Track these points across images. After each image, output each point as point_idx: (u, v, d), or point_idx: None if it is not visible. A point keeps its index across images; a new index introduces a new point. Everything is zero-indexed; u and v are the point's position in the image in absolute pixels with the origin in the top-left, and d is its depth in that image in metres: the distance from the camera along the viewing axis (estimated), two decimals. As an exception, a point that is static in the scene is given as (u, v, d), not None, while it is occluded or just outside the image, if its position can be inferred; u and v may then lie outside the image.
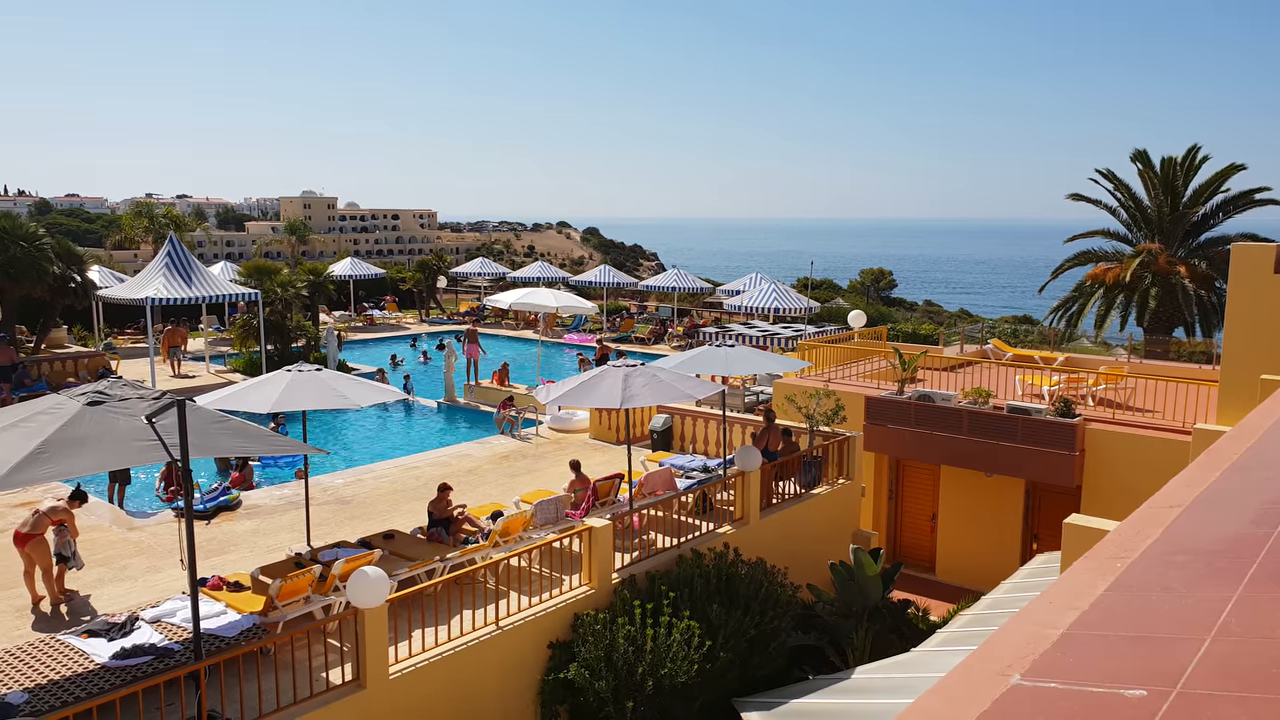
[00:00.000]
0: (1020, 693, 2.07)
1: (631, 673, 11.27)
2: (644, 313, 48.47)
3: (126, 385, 9.81)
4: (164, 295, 27.95)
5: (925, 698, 2.14)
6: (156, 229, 46.08)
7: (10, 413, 9.38)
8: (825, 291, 59.07)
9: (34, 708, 8.84)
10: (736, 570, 13.41)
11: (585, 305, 35.05)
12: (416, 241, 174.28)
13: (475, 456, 20.49)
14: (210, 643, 9.98)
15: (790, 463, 16.68)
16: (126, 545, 14.60)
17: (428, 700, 10.64)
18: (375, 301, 49.28)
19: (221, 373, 30.49)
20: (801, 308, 36.49)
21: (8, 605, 12.24)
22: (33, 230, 27.46)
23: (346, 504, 16.93)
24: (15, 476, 8.22)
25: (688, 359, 16.48)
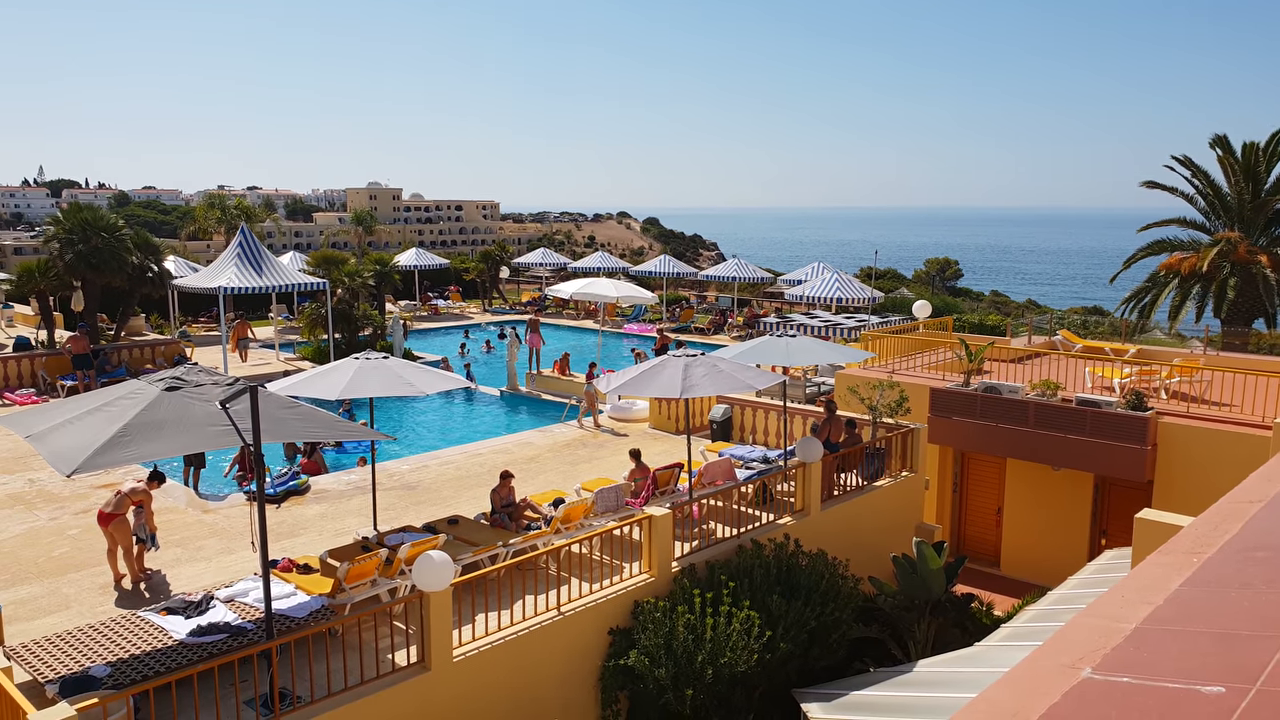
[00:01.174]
0: (1091, 686, 2.04)
1: (691, 661, 11.30)
2: (704, 303, 48.34)
3: (202, 372, 10.11)
4: (236, 284, 28.71)
5: (993, 689, 2.12)
6: (228, 220, 47.31)
7: (93, 397, 9.74)
8: (889, 281, 58.29)
9: (116, 680, 9.20)
10: (797, 561, 13.35)
11: (645, 295, 35.07)
12: (479, 232, 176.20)
13: (536, 444, 20.70)
14: (281, 623, 10.27)
15: (853, 454, 16.53)
16: (201, 527, 15.08)
17: (490, 684, 10.81)
18: (439, 291, 49.98)
19: (290, 360, 31.24)
20: (865, 298, 36.03)
21: (92, 582, 12.74)
22: (113, 222, 28.40)
23: (412, 489, 17.24)
24: (98, 459, 8.55)
25: (748, 349, 16.40)
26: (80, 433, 8.90)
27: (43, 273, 28.46)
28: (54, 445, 8.85)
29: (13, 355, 25.88)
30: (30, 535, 14.57)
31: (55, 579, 12.88)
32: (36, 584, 12.70)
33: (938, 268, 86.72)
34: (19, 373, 25.37)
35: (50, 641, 10.03)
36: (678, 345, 29.71)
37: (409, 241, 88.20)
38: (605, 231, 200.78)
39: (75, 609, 11.90)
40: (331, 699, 9.49)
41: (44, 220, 40.99)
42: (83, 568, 13.22)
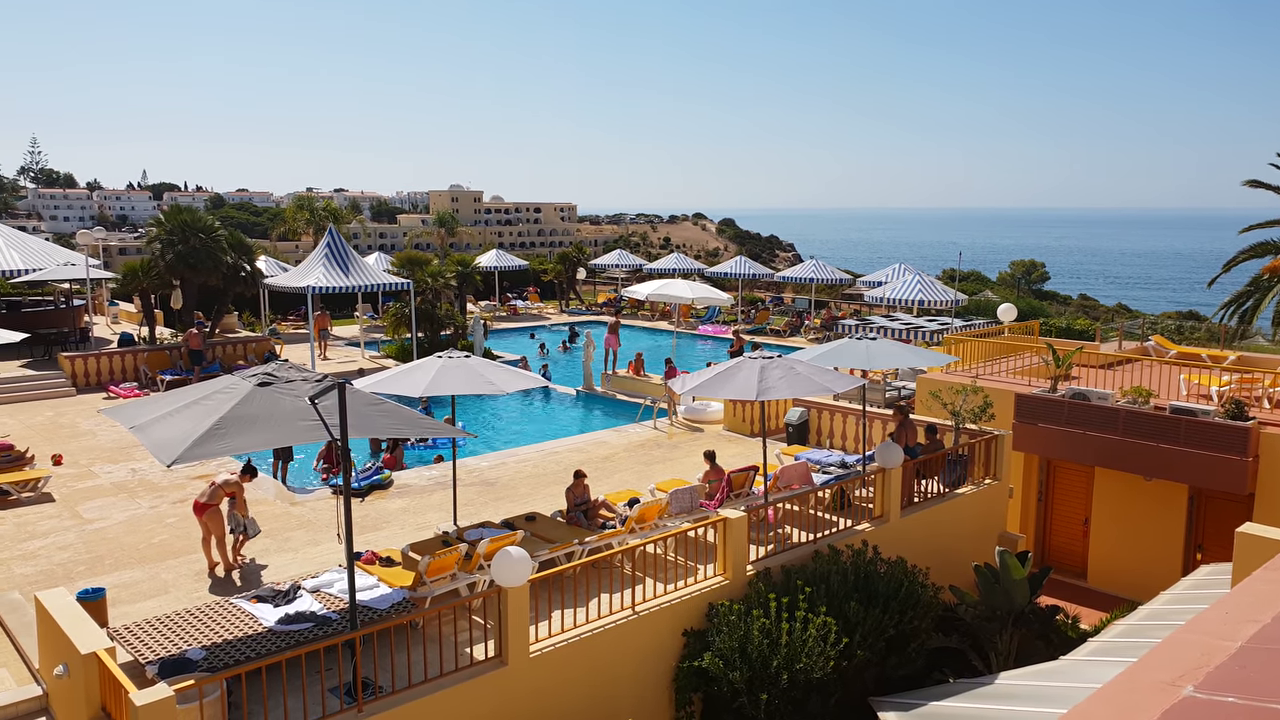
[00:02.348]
0: (1193, 705, 1.98)
1: (766, 665, 11.24)
2: (780, 304, 47.97)
3: (292, 368, 10.45)
4: (324, 284, 29.56)
5: (1086, 705, 2.07)
6: (316, 221, 48.73)
7: (191, 391, 10.15)
8: (972, 284, 56.98)
9: (210, 663, 9.57)
10: (875, 568, 13.16)
11: (720, 297, 34.96)
12: (557, 234, 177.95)
13: (612, 444, 20.82)
14: (364, 614, 10.54)
15: (933, 460, 16.22)
16: (289, 518, 15.57)
17: (566, 681, 10.91)
18: (518, 292, 50.63)
19: (375, 358, 32.01)
20: (947, 300, 35.30)
21: (188, 569, 13.27)
22: (210, 223, 29.51)
23: (491, 486, 17.52)
24: (196, 450, 8.91)
25: (826, 351, 16.23)
26: (179, 425, 9.28)
27: (145, 272, 29.72)
28: (155, 436, 9.25)
29: (118, 350, 27.11)
30: (132, 522, 15.25)
31: (155, 565, 13.45)
32: (138, 569, 13.29)
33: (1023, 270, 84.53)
34: (123, 367, 26.56)
35: (150, 624, 10.47)
36: (753, 347, 29.58)
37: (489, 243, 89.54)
38: (681, 233, 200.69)
39: (173, 594, 12.40)
40: (411, 690, 9.70)
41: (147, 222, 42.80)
42: (180, 555, 13.78)
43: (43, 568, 13.35)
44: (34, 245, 33.06)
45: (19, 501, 16.15)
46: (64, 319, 30.92)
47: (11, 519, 15.34)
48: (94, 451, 19.50)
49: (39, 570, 13.25)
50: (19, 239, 32.66)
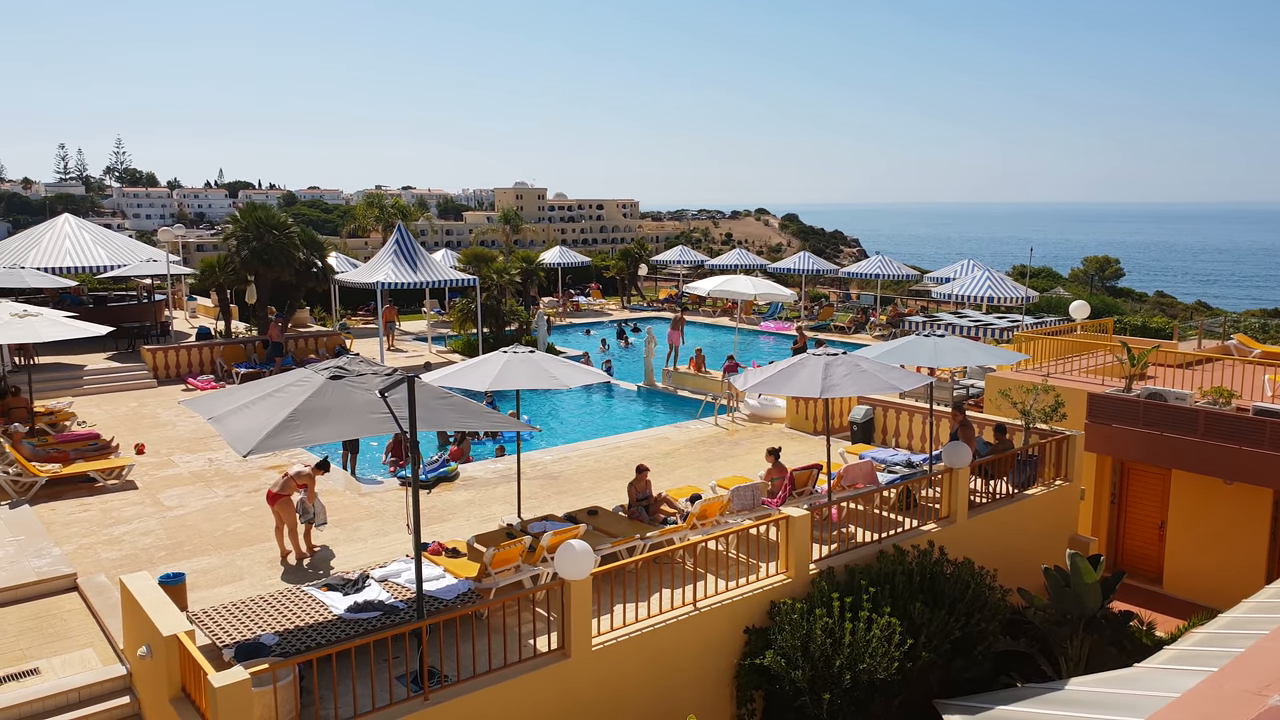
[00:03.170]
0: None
1: (829, 665, 11.15)
2: (847, 301, 47.46)
3: (363, 362, 10.68)
4: (393, 280, 30.14)
5: (1168, 712, 2.03)
6: (385, 218, 49.64)
7: (265, 384, 10.44)
8: (1044, 280, 55.70)
9: (283, 649, 9.84)
10: (942, 569, 12.96)
11: (783, 293, 34.72)
12: (619, 230, 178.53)
13: (673, 440, 20.84)
14: (431, 603, 10.74)
15: (1002, 461, 15.91)
16: (358, 509, 15.92)
17: (628, 674, 10.97)
18: (581, 288, 50.95)
19: (442, 353, 32.54)
20: (1018, 297, 34.57)
21: (262, 557, 13.67)
22: (283, 220, 30.27)
23: (554, 479, 17.68)
24: (270, 441, 9.17)
25: (893, 349, 16.02)
26: (255, 417, 9.56)
27: (221, 268, 30.62)
28: (232, 427, 9.54)
29: (195, 344, 28.01)
30: (209, 510, 15.75)
31: (230, 552, 13.88)
32: (215, 556, 13.73)
33: (1097, 266, 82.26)
34: (200, 360, 27.44)
35: (227, 609, 10.81)
36: (817, 344, 29.30)
37: (553, 240, 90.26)
38: (743, 228, 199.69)
39: (247, 580, 12.79)
40: (477, 680, 9.85)
41: (223, 219, 44.06)
42: (254, 543, 14.19)
43: (127, 552, 13.87)
44: (119, 242, 34.33)
45: (105, 488, 16.79)
46: (146, 313, 32.03)
47: (98, 505, 15.96)
48: (174, 441, 20.17)
49: (123, 555, 13.77)
50: (106, 236, 33.94)
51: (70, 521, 15.15)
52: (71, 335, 19.22)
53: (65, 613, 12.08)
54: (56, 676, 10.49)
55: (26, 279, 27.74)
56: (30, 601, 12.33)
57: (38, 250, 30.72)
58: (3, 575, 12.69)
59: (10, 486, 16.07)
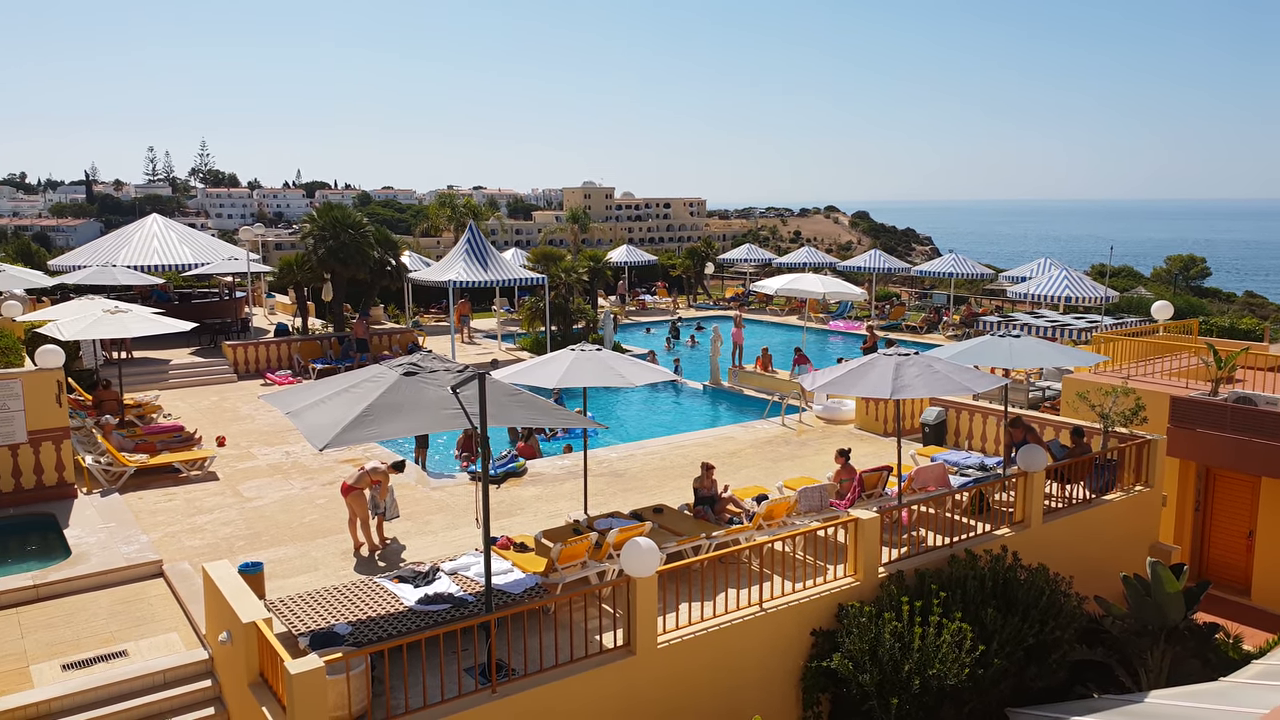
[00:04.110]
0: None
1: (897, 669, 11.00)
2: (922, 299, 46.70)
3: (435, 359, 10.88)
4: (464, 278, 30.62)
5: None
6: (457, 218, 50.37)
7: (341, 380, 10.70)
8: (1124, 280, 54.05)
9: (356, 638, 10.08)
10: (1015, 575, 12.68)
11: (853, 291, 34.30)
12: (686, 229, 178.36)
13: (739, 439, 20.77)
14: (499, 597, 10.89)
15: (1079, 465, 15.49)
16: (429, 502, 16.22)
17: (692, 673, 10.97)
18: (647, 286, 51.04)
19: (511, 350, 32.94)
20: (1097, 297, 33.61)
21: (336, 548, 14.02)
22: (358, 220, 30.99)
23: (619, 476, 17.76)
24: (346, 435, 9.40)
25: (966, 349, 15.72)
26: (331, 411, 9.81)
27: (299, 266, 31.46)
28: (309, 422, 9.80)
29: (274, 340, 28.85)
30: (286, 502, 16.21)
31: (306, 543, 14.26)
32: (291, 546, 14.12)
33: (1181, 265, 79.43)
34: (278, 355, 28.24)
35: (302, 599, 11.11)
36: (888, 344, 28.88)
37: (620, 239, 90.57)
38: (812, 226, 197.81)
39: (322, 571, 13.12)
40: (543, 674, 9.96)
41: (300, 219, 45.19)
42: (329, 534, 14.56)
43: (209, 541, 14.35)
44: (202, 241, 35.49)
45: (188, 479, 17.40)
46: (227, 310, 33.06)
47: (182, 495, 16.55)
48: (253, 434, 20.80)
49: (205, 543, 14.25)
50: (190, 235, 35.11)
51: (156, 510, 15.73)
52: (158, 331, 19.95)
53: (152, 597, 12.55)
54: (144, 659, 10.91)
55: (118, 276, 28.88)
56: (119, 586, 12.85)
57: (128, 249, 31.93)
58: (95, 560, 13.25)
59: (102, 475, 16.76)
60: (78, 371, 22.90)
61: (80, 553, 13.55)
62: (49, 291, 30.69)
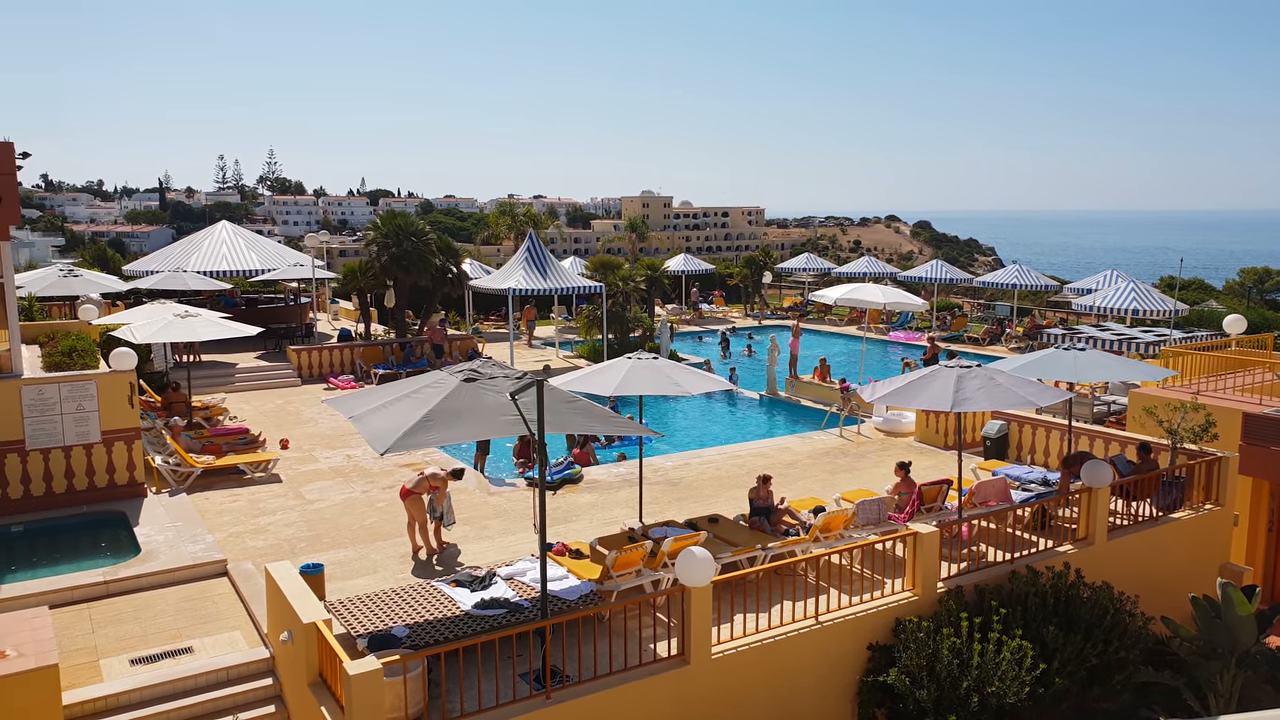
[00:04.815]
0: None
1: (955, 686, 10.82)
2: (985, 310, 45.92)
3: (495, 365, 11.01)
4: (523, 286, 30.95)
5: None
6: (517, 226, 50.81)
7: (402, 385, 10.89)
8: (1194, 293, 52.46)
9: (413, 641, 10.23)
10: (1078, 592, 12.40)
11: (914, 302, 33.85)
12: (744, 238, 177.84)
13: (795, 450, 20.62)
14: (554, 603, 10.96)
15: (1146, 482, 15.09)
16: (486, 507, 16.39)
17: (746, 685, 10.92)
18: (704, 295, 50.99)
19: (568, 358, 33.16)
20: (1165, 310, 32.71)
21: (394, 551, 14.24)
22: (420, 227, 31.49)
23: (675, 485, 17.76)
24: (406, 440, 9.57)
25: (1030, 362, 15.43)
26: (392, 417, 9.99)
27: (362, 273, 32.06)
28: (371, 426, 10.00)
29: (337, 345, 29.44)
30: (347, 505, 16.51)
31: (365, 545, 14.52)
32: (351, 549, 14.39)
33: (1255, 278, 76.86)
34: (341, 360, 28.82)
35: (361, 601, 11.31)
36: (949, 355, 28.43)
37: (677, 247, 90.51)
38: (872, 235, 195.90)
39: (381, 574, 13.34)
40: (597, 681, 9.99)
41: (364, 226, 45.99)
42: (388, 538, 14.80)
43: (271, 542, 14.68)
44: (269, 247, 36.40)
45: (253, 480, 17.83)
46: (292, 315, 33.84)
47: (246, 496, 16.96)
48: (315, 438, 21.24)
49: (268, 544, 14.59)
50: (257, 242, 36.05)
51: (221, 510, 16.14)
52: (226, 335, 20.49)
53: (216, 596, 12.88)
54: (208, 655, 11.19)
55: (188, 282, 29.76)
56: (186, 584, 13.21)
57: (198, 255, 32.89)
58: (163, 558, 13.64)
59: (171, 475, 17.26)
60: (148, 374, 23.60)
61: (149, 550, 13.96)
62: (123, 296, 31.73)
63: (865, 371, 29.34)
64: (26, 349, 17.71)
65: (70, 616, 12.08)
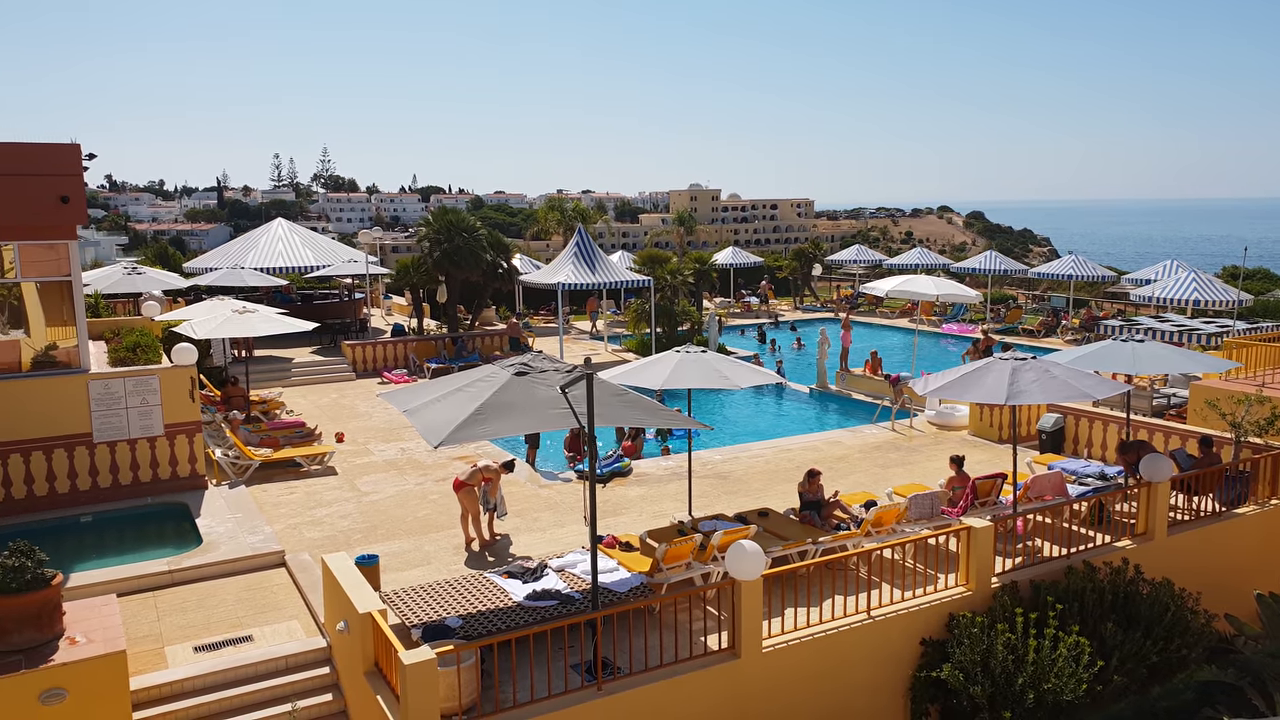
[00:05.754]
0: None
1: (1010, 682, 10.68)
2: (1040, 302, 45.08)
3: (546, 359, 11.10)
4: (572, 280, 31.12)
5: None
6: (566, 221, 51.16)
7: (454, 379, 11.02)
8: (1259, 283, 50.87)
9: (466, 632, 10.36)
10: (1137, 589, 12.16)
11: (967, 293, 33.34)
12: (793, 230, 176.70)
13: (845, 444, 20.47)
14: (605, 595, 11.02)
15: (1208, 476, 14.72)
16: (538, 500, 16.54)
17: (797, 679, 10.89)
18: (752, 288, 50.77)
19: (617, 352, 33.26)
20: (1228, 300, 31.81)
21: (447, 543, 14.44)
22: (471, 223, 31.83)
23: (724, 479, 17.75)
24: (459, 434, 9.69)
25: (1087, 354, 15.14)
26: (446, 410, 10.12)
27: (415, 269, 32.50)
28: (425, 420, 10.14)
29: (390, 340, 29.89)
30: (400, 497, 16.78)
31: (419, 537, 14.74)
32: (405, 540, 14.62)
33: (1326, 266, 74.35)
34: (395, 355, 29.25)
35: (415, 591, 11.48)
36: (1003, 347, 27.99)
37: (725, 240, 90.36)
38: (924, 227, 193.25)
39: (434, 565, 13.54)
40: (648, 673, 10.04)
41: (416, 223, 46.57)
42: (441, 529, 15.01)
43: (327, 533, 14.98)
44: (324, 244, 37.01)
45: (309, 473, 18.19)
46: (346, 310, 34.38)
47: (303, 488, 17.32)
48: (370, 431, 21.59)
49: (324, 535, 14.88)
50: (312, 239, 36.68)
51: (279, 502, 16.50)
52: (282, 330, 20.92)
53: (274, 586, 13.18)
54: (267, 644, 11.46)
55: (246, 278, 30.41)
56: (245, 574, 13.53)
57: (255, 252, 33.57)
58: (224, 549, 13.99)
59: (230, 468, 17.68)
60: (208, 369, 24.18)
61: (210, 541, 14.32)
62: (183, 292, 32.50)
63: (918, 364, 29.00)
64: (93, 345, 18.24)
65: (137, 604, 12.45)
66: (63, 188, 15.38)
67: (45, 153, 15.45)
